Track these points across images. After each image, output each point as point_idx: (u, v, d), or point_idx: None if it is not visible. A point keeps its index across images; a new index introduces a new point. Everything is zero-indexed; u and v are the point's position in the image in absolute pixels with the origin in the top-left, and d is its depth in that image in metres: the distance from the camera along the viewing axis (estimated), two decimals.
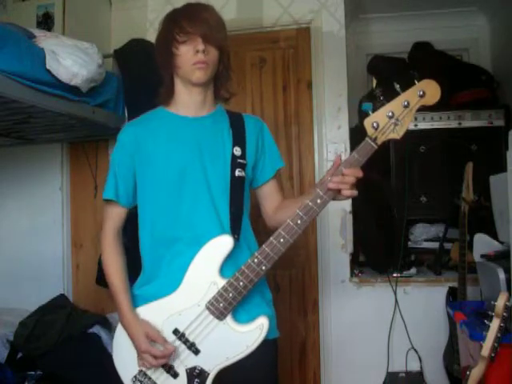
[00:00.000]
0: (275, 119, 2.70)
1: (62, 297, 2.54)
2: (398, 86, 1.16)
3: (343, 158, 1.22)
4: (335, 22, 2.64)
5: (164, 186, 1.36)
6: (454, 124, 2.64)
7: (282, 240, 1.22)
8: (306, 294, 2.65)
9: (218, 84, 1.44)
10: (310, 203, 1.21)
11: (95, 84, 2.05)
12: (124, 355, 1.36)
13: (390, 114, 1.16)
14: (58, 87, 1.86)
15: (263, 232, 1.44)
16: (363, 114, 2.90)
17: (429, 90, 1.15)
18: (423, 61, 2.93)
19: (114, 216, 1.42)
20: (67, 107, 1.95)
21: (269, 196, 1.50)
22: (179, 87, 1.41)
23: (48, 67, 1.78)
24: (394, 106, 1.16)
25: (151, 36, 2.72)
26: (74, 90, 1.93)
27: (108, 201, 1.41)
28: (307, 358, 2.64)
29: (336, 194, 1.22)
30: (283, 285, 2.66)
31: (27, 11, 2.37)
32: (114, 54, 2.50)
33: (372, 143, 1.17)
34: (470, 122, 2.63)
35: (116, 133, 1.46)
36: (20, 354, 2.17)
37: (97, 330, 2.26)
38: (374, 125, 1.16)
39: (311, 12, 2.66)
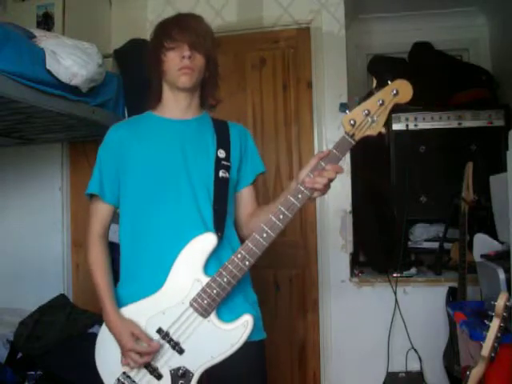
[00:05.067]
0: (275, 119, 2.70)
1: (61, 297, 2.53)
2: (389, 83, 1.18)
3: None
4: (335, 22, 2.64)
5: (146, 184, 1.39)
6: (453, 124, 2.63)
7: (264, 235, 1.24)
8: (306, 294, 2.65)
9: (205, 91, 1.49)
10: (292, 198, 1.23)
11: (95, 84, 2.05)
12: (107, 357, 1.35)
13: (366, 111, 1.21)
14: (58, 87, 1.85)
15: None
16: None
17: (402, 89, 1.20)
18: (423, 61, 2.93)
19: (99, 213, 1.44)
20: (67, 107, 1.94)
21: (246, 202, 1.52)
22: (166, 92, 1.46)
23: (48, 67, 1.78)
24: (370, 104, 1.21)
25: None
26: (73, 89, 1.93)
27: (92, 197, 1.44)
28: (307, 358, 2.64)
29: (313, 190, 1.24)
30: (283, 285, 2.66)
31: (27, 11, 2.36)
32: (113, 54, 2.50)
33: (349, 139, 1.22)
34: (469, 122, 2.63)
35: None
36: (20, 354, 2.17)
37: (97, 330, 2.24)
38: (351, 122, 1.21)
39: (311, 12, 2.66)
